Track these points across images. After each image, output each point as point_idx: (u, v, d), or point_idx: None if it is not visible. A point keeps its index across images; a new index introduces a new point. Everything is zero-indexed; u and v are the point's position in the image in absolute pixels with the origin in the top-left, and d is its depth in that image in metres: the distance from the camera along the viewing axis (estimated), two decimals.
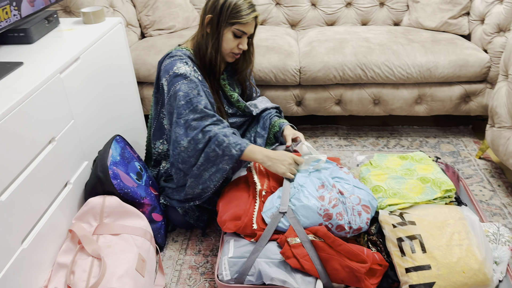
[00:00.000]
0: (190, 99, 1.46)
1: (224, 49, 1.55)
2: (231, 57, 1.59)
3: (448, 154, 2.17)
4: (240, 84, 1.79)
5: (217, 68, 1.58)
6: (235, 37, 1.53)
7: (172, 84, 1.49)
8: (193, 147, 1.46)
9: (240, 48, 1.56)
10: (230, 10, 1.48)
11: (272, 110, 1.81)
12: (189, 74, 1.49)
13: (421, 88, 2.15)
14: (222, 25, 1.50)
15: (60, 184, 1.37)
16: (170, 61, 1.52)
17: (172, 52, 1.57)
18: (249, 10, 1.50)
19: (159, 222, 1.58)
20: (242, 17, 1.48)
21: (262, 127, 1.78)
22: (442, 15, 2.32)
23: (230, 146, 1.44)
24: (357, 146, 2.27)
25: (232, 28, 1.51)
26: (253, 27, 1.55)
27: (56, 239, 1.33)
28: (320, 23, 2.60)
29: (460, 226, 1.31)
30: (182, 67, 1.50)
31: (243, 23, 1.50)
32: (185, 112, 1.46)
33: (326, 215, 1.33)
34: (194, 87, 1.49)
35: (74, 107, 1.43)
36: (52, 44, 1.54)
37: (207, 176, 1.48)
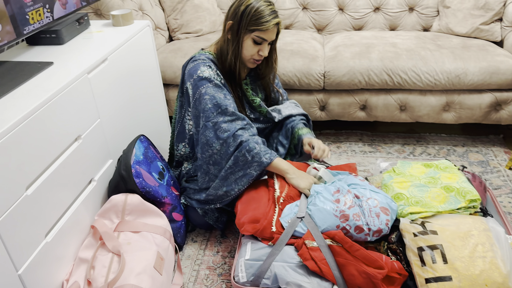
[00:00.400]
0: (217, 102, 1.48)
1: (244, 56, 1.55)
2: (252, 63, 1.59)
3: (477, 163, 2.11)
4: (264, 89, 1.80)
5: (237, 73, 1.59)
6: (255, 44, 1.52)
7: (197, 88, 1.51)
8: (225, 150, 1.48)
9: (260, 55, 1.55)
10: (250, 17, 1.46)
11: (296, 117, 1.78)
12: (213, 77, 1.51)
13: (449, 95, 2.10)
14: (242, 31, 1.49)
15: (85, 180, 1.41)
16: (194, 65, 1.54)
17: (195, 56, 1.59)
18: (270, 17, 1.47)
19: (179, 222, 1.60)
20: (262, 24, 1.47)
21: (284, 136, 1.78)
22: (473, 21, 2.26)
23: (261, 153, 1.47)
24: (382, 152, 2.24)
25: (252, 35, 1.50)
26: (274, 34, 1.53)
27: (78, 234, 1.37)
28: (347, 28, 2.58)
29: (484, 237, 1.27)
30: (206, 70, 1.51)
31: (263, 30, 1.48)
32: (213, 115, 1.48)
33: (343, 216, 1.32)
34: (220, 91, 1.50)
35: (100, 107, 1.47)
36: (82, 45, 1.59)
37: (233, 179, 1.50)
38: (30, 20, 1.42)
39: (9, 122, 1.07)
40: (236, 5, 1.50)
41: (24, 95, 1.20)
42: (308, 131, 1.73)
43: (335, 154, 2.24)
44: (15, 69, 1.36)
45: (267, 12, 1.47)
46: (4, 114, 1.10)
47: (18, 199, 1.09)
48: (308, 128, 1.76)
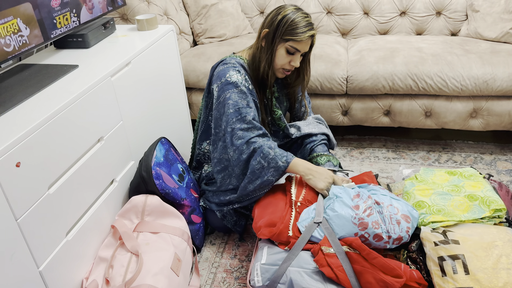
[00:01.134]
0: (239, 108, 1.49)
1: (275, 64, 1.56)
2: (281, 73, 1.60)
3: (505, 172, 2.04)
4: (289, 99, 1.80)
5: (268, 81, 1.60)
6: (287, 54, 1.53)
7: (223, 91, 1.52)
8: (237, 156, 1.49)
9: (292, 65, 1.56)
10: (287, 26, 1.48)
11: (317, 138, 1.74)
12: (240, 83, 1.52)
13: (477, 101, 2.04)
14: (276, 40, 1.51)
15: (106, 181, 1.44)
16: (223, 68, 1.56)
17: (226, 59, 1.60)
18: (306, 28, 1.49)
19: (197, 224, 1.61)
20: (297, 35, 1.48)
21: (302, 155, 1.76)
22: (503, 25, 2.20)
23: (277, 157, 1.46)
24: (406, 159, 2.19)
25: (286, 44, 1.51)
26: (307, 45, 1.54)
27: (99, 233, 1.40)
28: (372, 32, 2.55)
29: (509, 248, 1.22)
30: (235, 75, 1.53)
31: (297, 41, 1.49)
32: (233, 121, 1.49)
33: (361, 224, 1.30)
34: (244, 97, 1.51)
35: (123, 109, 1.51)
36: (107, 49, 1.63)
37: (252, 188, 1.50)
38: (58, 24, 1.47)
39: (34, 122, 1.10)
40: (273, 14, 1.52)
41: (49, 97, 1.24)
42: (327, 159, 1.68)
43: (358, 160, 2.21)
44: (42, 72, 1.40)
45: (303, 23, 1.49)
46: (30, 115, 1.14)
47: (40, 197, 1.13)
48: (328, 155, 1.70)
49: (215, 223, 1.68)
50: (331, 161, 1.69)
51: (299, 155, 1.77)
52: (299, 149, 1.79)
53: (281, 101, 1.77)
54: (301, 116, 1.87)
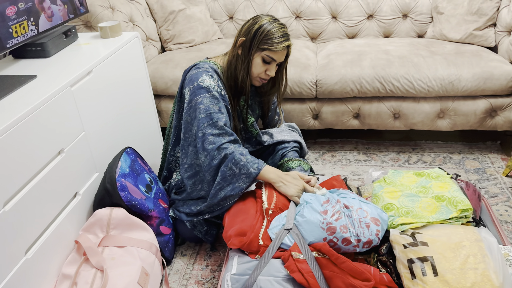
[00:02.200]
0: (211, 113, 1.48)
1: (252, 73, 1.56)
2: (258, 81, 1.61)
3: (473, 171, 2.07)
4: (262, 107, 1.78)
5: (245, 89, 1.59)
6: (264, 63, 1.54)
7: (195, 95, 1.51)
8: (208, 162, 1.48)
9: (267, 74, 1.57)
10: (263, 36, 1.49)
11: (289, 145, 1.75)
12: (212, 88, 1.51)
13: (443, 102, 2.07)
14: (253, 49, 1.52)
15: (69, 194, 1.39)
16: (196, 72, 1.54)
17: (199, 63, 1.59)
18: (282, 38, 1.50)
19: (167, 235, 1.57)
20: (273, 44, 1.50)
21: (273, 161, 1.76)
22: (467, 27, 2.24)
23: (248, 164, 1.45)
24: (377, 161, 2.21)
25: (262, 53, 1.52)
26: (283, 56, 1.55)
27: (62, 249, 1.34)
28: (341, 36, 2.57)
29: (476, 248, 1.23)
30: (207, 80, 1.52)
31: (273, 50, 1.50)
32: (204, 126, 1.48)
33: (329, 228, 1.29)
34: (216, 103, 1.50)
35: (85, 119, 1.46)
36: (68, 58, 1.58)
37: (223, 195, 1.48)
38: (14, 33, 1.41)
39: None
40: (250, 23, 1.53)
41: (4, 109, 1.19)
42: (298, 164, 1.69)
43: (330, 163, 2.22)
44: None
45: (280, 34, 1.50)
46: None
47: None
48: (299, 160, 1.71)
49: (185, 234, 1.65)
50: (302, 166, 1.69)
51: (270, 161, 1.76)
52: (271, 155, 1.78)
53: (254, 109, 1.75)
54: (274, 124, 1.86)
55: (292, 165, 1.68)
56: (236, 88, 1.60)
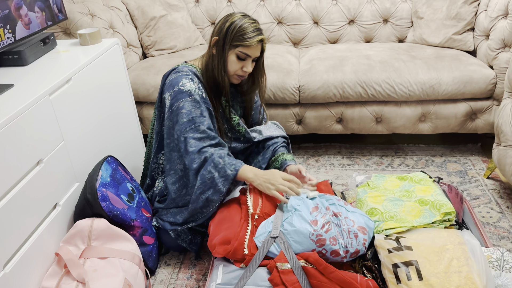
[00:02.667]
0: (193, 117, 1.48)
1: (228, 71, 1.55)
2: (235, 79, 1.59)
3: (455, 173, 2.10)
4: (244, 106, 1.78)
5: (224, 89, 1.58)
6: (238, 60, 1.53)
7: (176, 100, 1.50)
8: (190, 165, 1.48)
9: (244, 71, 1.55)
10: (235, 32, 1.49)
11: (278, 140, 1.75)
12: (193, 91, 1.51)
13: (425, 105, 2.09)
14: (226, 47, 1.51)
15: (48, 206, 1.35)
16: (176, 76, 1.53)
17: (178, 67, 1.58)
18: (254, 33, 1.49)
19: (150, 245, 1.54)
20: (245, 40, 1.49)
21: (264, 157, 1.75)
22: (446, 31, 2.28)
23: (225, 166, 1.45)
24: (360, 165, 2.22)
25: (236, 50, 1.51)
26: (257, 51, 1.54)
27: (42, 262, 1.31)
28: (323, 41, 2.58)
29: (459, 251, 1.24)
30: (188, 83, 1.51)
31: (246, 46, 1.50)
32: (186, 130, 1.48)
33: (319, 240, 1.28)
34: (198, 106, 1.50)
35: (64, 129, 1.43)
36: (46, 65, 1.55)
37: (204, 199, 1.47)
38: None
39: None
40: (222, 22, 1.52)
41: None
42: (292, 158, 1.70)
43: (314, 168, 2.22)
44: None
45: (251, 29, 1.50)
46: None
47: None
48: (292, 155, 1.73)
49: (169, 243, 1.62)
50: (294, 161, 1.69)
51: (261, 158, 1.76)
52: (261, 152, 1.77)
53: (236, 109, 1.74)
54: (259, 123, 1.85)
55: (288, 157, 1.69)
56: (216, 89, 1.59)
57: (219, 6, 2.62)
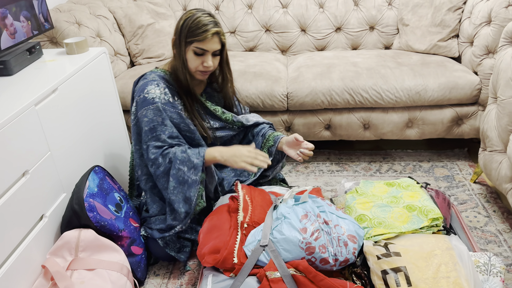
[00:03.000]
0: (154, 126, 1.51)
1: (190, 68, 1.56)
2: (199, 75, 1.58)
3: (442, 178, 2.12)
4: (223, 102, 1.78)
5: (190, 87, 1.59)
6: (197, 55, 1.52)
7: (140, 108, 1.54)
8: (154, 171, 1.52)
9: (205, 66, 1.54)
10: (188, 29, 1.49)
11: (264, 126, 1.77)
12: (158, 98, 1.53)
13: (411, 111, 2.12)
14: (182, 44, 1.52)
15: (35, 217, 1.34)
16: (142, 84, 1.56)
17: (146, 74, 1.60)
18: (206, 27, 1.48)
19: (138, 255, 1.53)
20: (198, 35, 1.48)
21: (255, 144, 1.75)
22: (431, 38, 2.31)
23: (191, 157, 1.48)
24: (349, 171, 2.23)
25: (192, 46, 1.51)
26: (214, 44, 1.52)
27: (28, 275, 1.29)
28: (311, 48, 2.60)
29: (447, 257, 1.25)
30: (152, 90, 1.53)
31: (200, 41, 1.49)
32: (148, 138, 1.52)
33: (308, 248, 1.28)
34: (159, 115, 1.52)
35: (51, 139, 1.41)
36: (32, 75, 1.53)
37: (183, 197, 1.49)
38: None
39: None
40: (178, 21, 1.54)
41: None
42: (282, 134, 1.72)
43: (303, 174, 2.22)
44: None
45: (204, 22, 1.49)
46: None
47: None
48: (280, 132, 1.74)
49: (158, 253, 1.61)
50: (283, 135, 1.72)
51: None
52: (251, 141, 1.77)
53: (219, 102, 1.74)
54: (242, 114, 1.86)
55: (278, 133, 1.70)
56: (187, 89, 1.60)
57: None
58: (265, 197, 1.53)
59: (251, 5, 2.62)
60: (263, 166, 1.47)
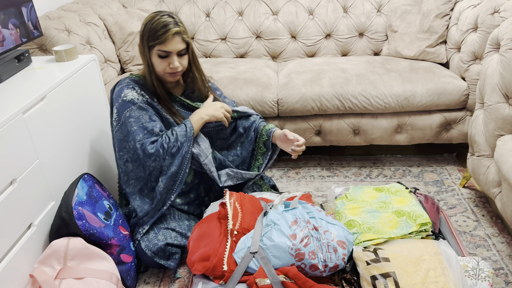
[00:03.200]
0: (143, 124, 1.53)
1: (158, 72, 1.57)
2: (169, 76, 1.59)
3: (432, 183, 2.13)
4: (201, 99, 1.77)
5: (158, 91, 1.60)
6: (161, 58, 1.53)
7: (123, 111, 1.55)
8: (160, 164, 1.55)
9: (172, 68, 1.55)
10: (148, 33, 1.51)
11: (255, 118, 1.78)
12: (137, 99, 1.55)
13: (400, 117, 2.13)
14: (146, 50, 1.54)
15: (23, 226, 1.33)
16: (118, 89, 1.59)
17: (121, 80, 1.62)
18: (165, 29, 1.49)
19: (128, 263, 1.52)
20: (159, 37, 1.50)
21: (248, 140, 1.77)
22: (419, 44, 2.33)
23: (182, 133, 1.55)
24: (340, 176, 2.24)
25: (155, 50, 1.52)
26: (176, 44, 1.52)
27: (16, 285, 1.27)
28: (301, 55, 2.62)
29: (436, 262, 1.26)
30: (129, 93, 1.55)
31: (162, 43, 1.50)
32: (140, 137, 1.53)
33: (298, 255, 1.28)
34: (145, 112, 1.55)
35: (39, 147, 1.40)
36: (20, 83, 1.53)
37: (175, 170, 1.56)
38: None
39: None
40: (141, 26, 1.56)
41: None
42: (273, 125, 1.74)
43: (294, 180, 2.23)
44: None
45: (162, 25, 1.50)
46: None
47: None
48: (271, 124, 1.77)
49: (148, 260, 1.60)
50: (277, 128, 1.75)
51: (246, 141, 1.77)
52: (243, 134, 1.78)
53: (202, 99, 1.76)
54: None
55: (270, 126, 1.73)
56: (160, 91, 1.62)
57: (197, 21, 2.64)
58: (255, 203, 1.53)
59: (241, 12, 2.63)
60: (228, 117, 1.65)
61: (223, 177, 1.69)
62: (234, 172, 1.69)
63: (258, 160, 1.76)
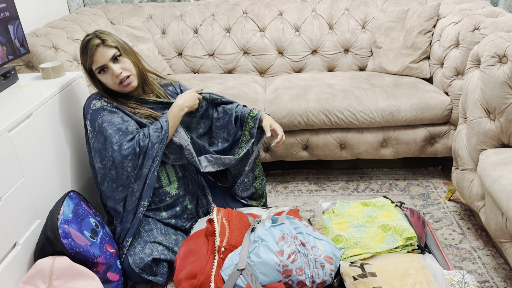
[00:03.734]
0: (117, 126, 1.56)
1: (112, 88, 1.61)
2: (124, 86, 1.60)
3: (418, 196, 2.16)
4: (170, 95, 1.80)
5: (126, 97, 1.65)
6: (103, 73, 1.57)
7: (95, 119, 1.58)
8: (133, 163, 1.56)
9: (117, 76, 1.57)
10: (81, 61, 1.57)
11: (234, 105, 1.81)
12: (106, 106, 1.59)
13: (385, 131, 2.17)
14: (87, 73, 1.60)
15: (7, 245, 1.31)
16: (87, 102, 1.64)
17: (90, 95, 1.67)
18: (87, 48, 1.53)
19: (115, 282, 1.50)
20: (87, 57, 1.55)
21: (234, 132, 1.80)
22: (403, 60, 2.38)
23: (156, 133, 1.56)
24: (327, 190, 2.25)
25: (94, 71, 1.57)
26: (104, 55, 1.53)
27: None
28: (288, 70, 2.65)
29: (422, 276, 1.28)
30: (97, 102, 1.60)
31: (93, 61, 1.54)
32: (117, 138, 1.55)
33: (285, 271, 1.29)
34: (116, 115, 1.58)
35: (24, 165, 1.40)
36: (6, 101, 1.52)
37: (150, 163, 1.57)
38: None
39: None
40: None
41: None
42: (257, 110, 1.77)
43: (283, 194, 2.24)
44: None
45: (84, 46, 1.55)
46: None
47: None
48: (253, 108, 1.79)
49: (136, 277, 1.58)
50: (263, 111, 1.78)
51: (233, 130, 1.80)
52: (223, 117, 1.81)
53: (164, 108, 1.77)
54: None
55: (254, 112, 1.76)
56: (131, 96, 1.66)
57: (185, 37, 2.66)
58: (243, 219, 1.54)
59: (229, 28, 2.66)
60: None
61: (203, 162, 1.71)
62: (214, 158, 1.72)
63: (242, 148, 1.78)
